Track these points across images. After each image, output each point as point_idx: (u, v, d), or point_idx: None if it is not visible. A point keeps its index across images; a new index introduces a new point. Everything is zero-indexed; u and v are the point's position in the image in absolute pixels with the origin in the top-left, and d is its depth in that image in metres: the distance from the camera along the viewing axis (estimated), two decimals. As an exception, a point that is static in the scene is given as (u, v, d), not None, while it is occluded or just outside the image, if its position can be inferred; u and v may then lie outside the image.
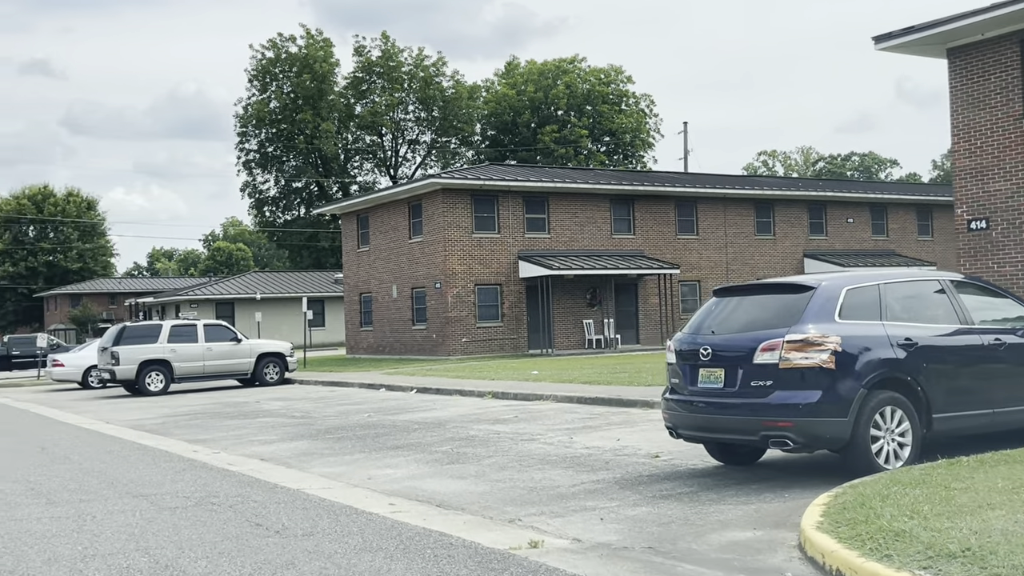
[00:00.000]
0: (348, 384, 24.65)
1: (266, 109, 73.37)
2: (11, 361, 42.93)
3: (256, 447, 12.88)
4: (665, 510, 7.54)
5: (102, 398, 25.28)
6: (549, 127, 75.51)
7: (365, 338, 37.55)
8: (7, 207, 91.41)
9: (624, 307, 34.96)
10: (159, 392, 24.85)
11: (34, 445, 12.84)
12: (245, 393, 24.29)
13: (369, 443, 12.68)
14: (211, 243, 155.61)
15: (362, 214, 37.47)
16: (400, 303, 34.81)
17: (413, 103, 78.27)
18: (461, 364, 29.06)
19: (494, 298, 32.79)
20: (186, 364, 25.42)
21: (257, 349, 26.61)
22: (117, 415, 19.31)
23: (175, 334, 25.56)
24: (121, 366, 24.66)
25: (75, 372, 29.45)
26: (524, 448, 11.39)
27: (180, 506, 7.92)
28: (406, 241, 34.21)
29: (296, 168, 75.85)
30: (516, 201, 33.15)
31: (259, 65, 73.70)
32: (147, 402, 22.66)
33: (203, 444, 13.43)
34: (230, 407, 20.08)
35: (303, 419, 16.60)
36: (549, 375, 22.09)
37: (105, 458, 11.36)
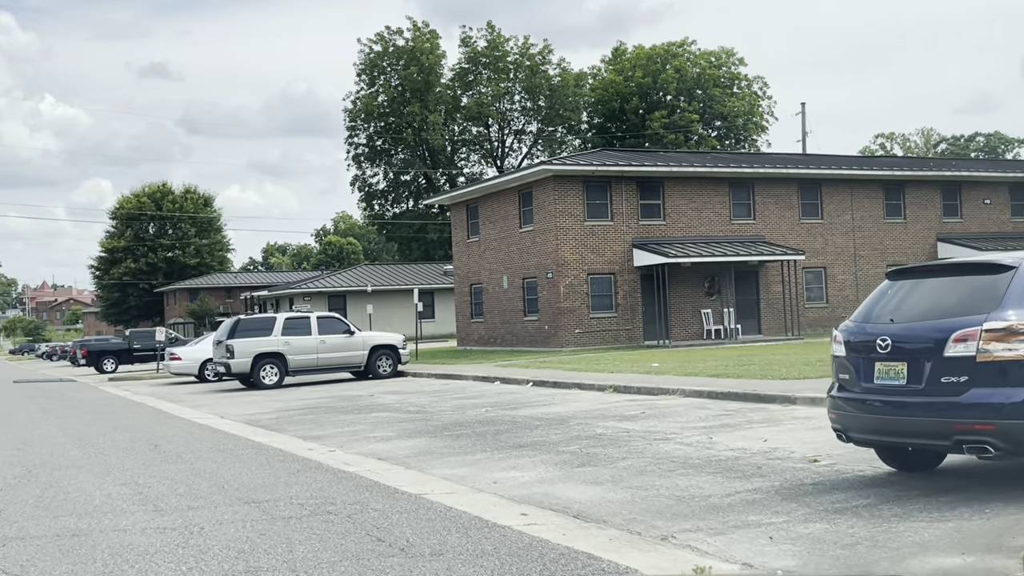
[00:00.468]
0: (462, 377, 24.00)
1: (374, 103, 73.76)
2: (132, 354, 43.90)
3: (372, 445, 12.23)
4: (844, 527, 6.46)
5: (217, 392, 25.26)
6: (658, 113, 73.83)
7: (476, 330, 36.98)
8: (128, 205, 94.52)
9: (744, 296, 33.44)
10: (273, 385, 24.67)
11: (147, 443, 12.45)
12: (358, 386, 23.89)
13: (490, 441, 11.88)
14: (322, 237, 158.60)
15: (471, 204, 36.86)
16: (511, 294, 34.07)
17: (519, 93, 77.60)
18: (575, 356, 28.14)
19: (608, 288, 31.73)
20: (300, 357, 25.18)
21: (370, 341, 26.22)
22: (231, 409, 19.05)
23: (289, 327, 25.35)
24: (236, 359, 24.55)
25: (192, 365, 29.65)
26: (660, 449, 10.40)
27: (294, 516, 7.21)
28: (516, 230, 33.43)
29: (404, 161, 76.07)
30: (630, 187, 31.98)
31: (367, 59, 74.14)
32: (261, 396, 22.45)
33: (317, 441, 12.85)
34: (344, 401, 19.63)
35: (418, 414, 15.94)
36: (671, 368, 20.97)
37: (217, 457, 10.83)
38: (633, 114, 76.74)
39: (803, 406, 13.51)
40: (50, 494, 8.29)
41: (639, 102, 76.35)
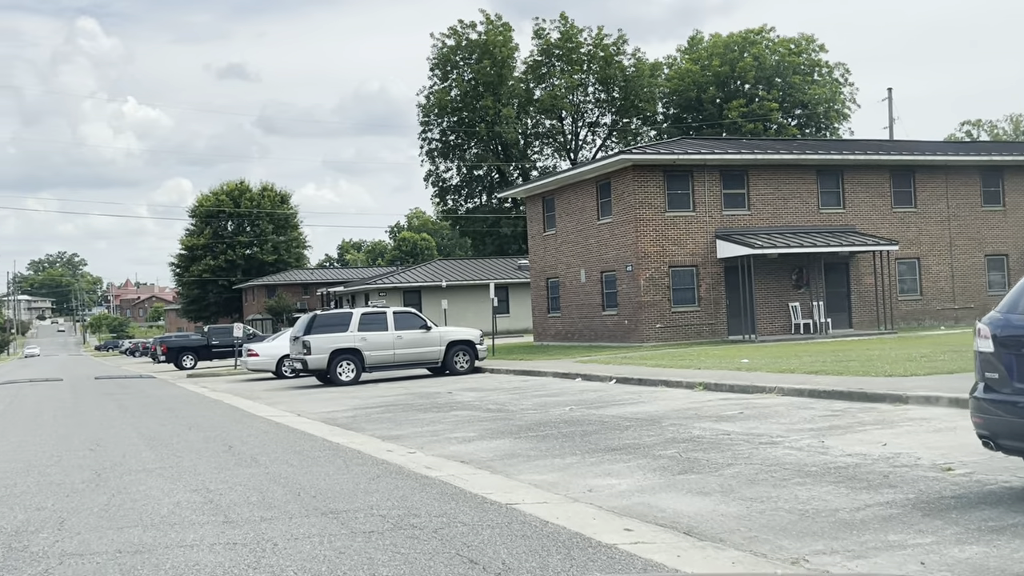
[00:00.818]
0: (541, 373, 23.27)
1: (447, 97, 73.47)
2: (211, 350, 44.16)
3: (454, 446, 11.57)
4: (1007, 551, 5.56)
5: (294, 388, 24.95)
6: (736, 102, 72.13)
7: (552, 324, 36.22)
8: (207, 203, 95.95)
9: (834, 288, 32.07)
10: (350, 382, 24.26)
11: (221, 443, 11.98)
12: (435, 383, 23.33)
13: (578, 443, 11.12)
14: (396, 234, 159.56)
15: (547, 196, 36.09)
16: (589, 288, 33.23)
17: (593, 84, 76.57)
18: (657, 352, 27.20)
19: (690, 281, 30.68)
20: (376, 353, 24.74)
21: (447, 337, 25.66)
22: (308, 407, 18.62)
23: (365, 322, 24.92)
24: (312, 355, 24.21)
25: (269, 362, 29.48)
26: (768, 454, 9.52)
27: (375, 530, 6.54)
28: (594, 222, 32.57)
29: (477, 155, 75.65)
30: (712, 176, 30.87)
31: (440, 54, 73.85)
32: (338, 392, 22.03)
33: (396, 442, 12.25)
34: (422, 398, 19.06)
35: (499, 412, 15.25)
36: (762, 364, 19.94)
37: (293, 460, 10.27)
38: (710, 104, 75.12)
39: (916, 406, 12.48)
40: (116, 502, 7.78)
41: (716, 91, 74.72)
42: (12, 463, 10.38)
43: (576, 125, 78.23)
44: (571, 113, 76.35)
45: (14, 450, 11.71)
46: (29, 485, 8.77)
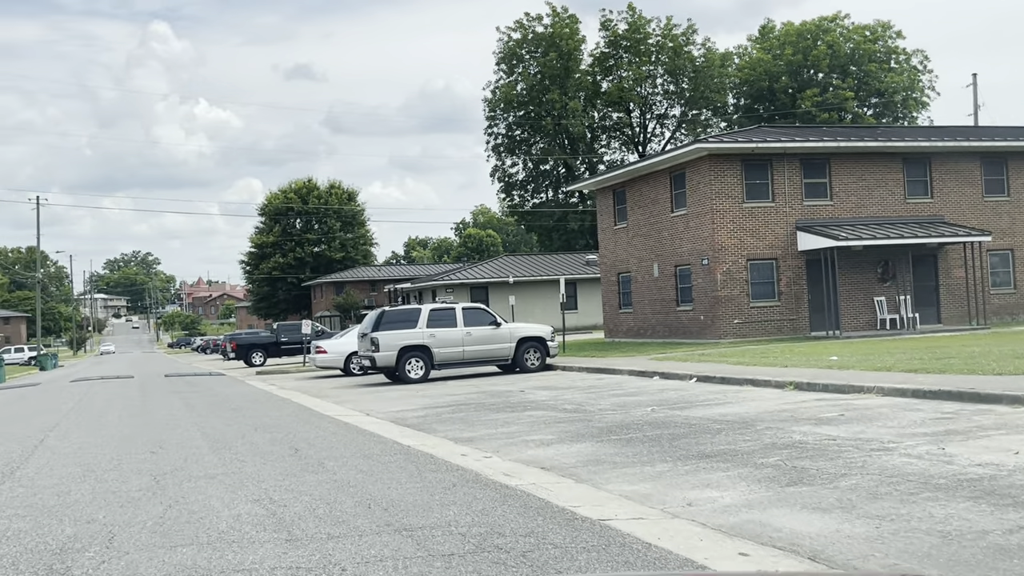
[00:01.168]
0: (616, 371, 22.38)
1: (513, 92, 72.79)
2: (280, 347, 44.12)
3: (532, 450, 10.80)
4: None
5: (362, 386, 24.45)
6: (809, 91, 70.20)
7: (624, 321, 35.25)
8: (276, 201, 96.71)
9: (922, 282, 30.56)
10: (418, 380, 23.67)
11: (287, 446, 11.37)
12: (506, 380, 22.60)
13: (667, 448, 10.27)
14: (462, 230, 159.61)
15: (618, 188, 35.12)
16: (662, 282, 32.19)
17: (661, 76, 75.21)
18: (736, 349, 26.11)
19: (769, 274, 29.47)
20: (445, 350, 24.10)
21: (517, 333, 24.92)
22: (377, 406, 18.03)
23: (434, 318, 24.30)
24: (381, 352, 23.66)
25: (337, 359, 29.07)
26: (884, 463, 8.55)
27: (456, 552, 5.79)
28: (668, 215, 31.52)
29: (543, 150, 74.85)
30: (792, 165, 29.61)
31: (506, 48, 73.20)
32: (407, 391, 21.43)
33: (470, 445, 11.52)
34: (493, 397, 18.33)
35: (577, 413, 14.44)
36: (854, 362, 18.79)
37: (362, 465, 9.59)
38: (783, 93, 73.22)
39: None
40: (172, 514, 7.16)
41: (789, 81, 72.82)
42: (70, 467, 9.88)
43: (644, 117, 76.96)
44: (639, 105, 75.12)
45: (75, 452, 11.25)
46: (83, 493, 8.22)
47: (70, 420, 16.29)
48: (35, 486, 8.71)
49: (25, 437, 13.35)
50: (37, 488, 8.59)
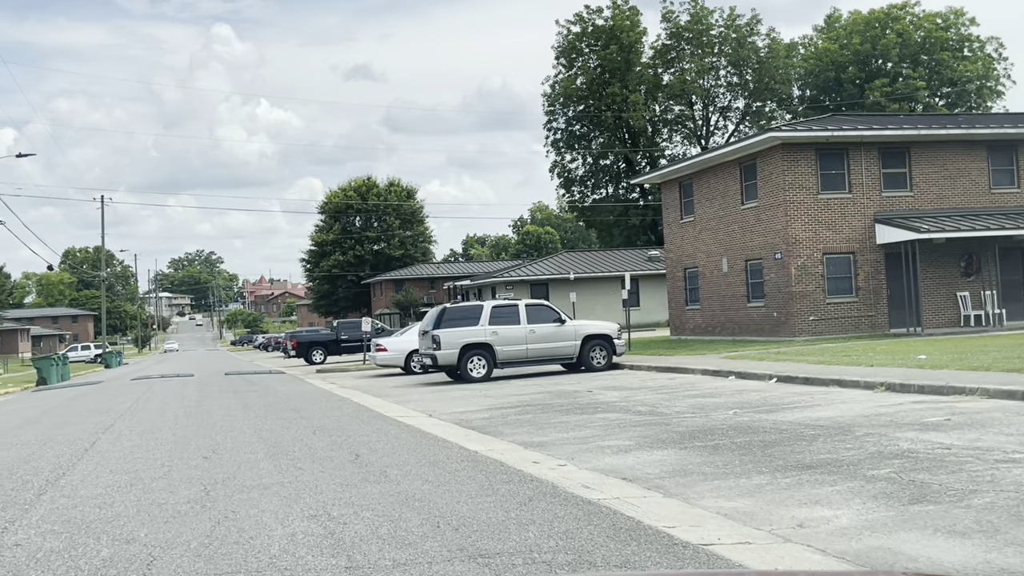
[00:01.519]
0: (688, 370, 21.38)
1: (573, 86, 71.76)
2: (340, 345, 43.76)
3: (609, 457, 9.95)
4: None
5: (423, 385, 23.78)
6: (878, 81, 68.10)
7: (691, 318, 34.13)
8: (335, 199, 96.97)
9: (1009, 276, 28.98)
10: (481, 379, 22.93)
11: (348, 451, 10.65)
12: (572, 380, 21.74)
13: (759, 456, 9.34)
14: (519, 228, 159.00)
15: (684, 181, 34.01)
16: (732, 278, 31.04)
17: (724, 67, 73.61)
18: (813, 347, 24.94)
19: (846, 269, 28.17)
20: (508, 348, 23.33)
21: (582, 331, 24.04)
22: (440, 406, 17.30)
23: (496, 315, 23.54)
24: (442, 351, 22.96)
25: (397, 357, 28.47)
26: (1018, 478, 7.53)
27: (544, 587, 4.96)
28: (738, 207, 30.35)
29: (603, 145, 73.77)
30: (870, 154, 28.26)
31: (566, 41, 72.22)
32: (469, 390, 20.68)
33: (542, 450, 10.71)
34: (560, 398, 17.49)
35: (652, 416, 13.54)
36: (945, 360, 17.58)
37: (428, 474, 8.82)
38: (850, 84, 71.17)
39: None
40: (220, 532, 6.44)
41: (856, 71, 70.75)
42: (118, 475, 9.26)
43: (707, 110, 75.44)
44: (701, 98, 73.62)
45: (125, 458, 10.66)
46: (127, 505, 7.57)
47: (125, 421, 15.82)
48: (77, 496, 8.09)
49: (77, 439, 12.85)
50: (79, 499, 7.97)
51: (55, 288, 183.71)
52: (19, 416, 18.88)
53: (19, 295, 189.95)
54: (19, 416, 18.88)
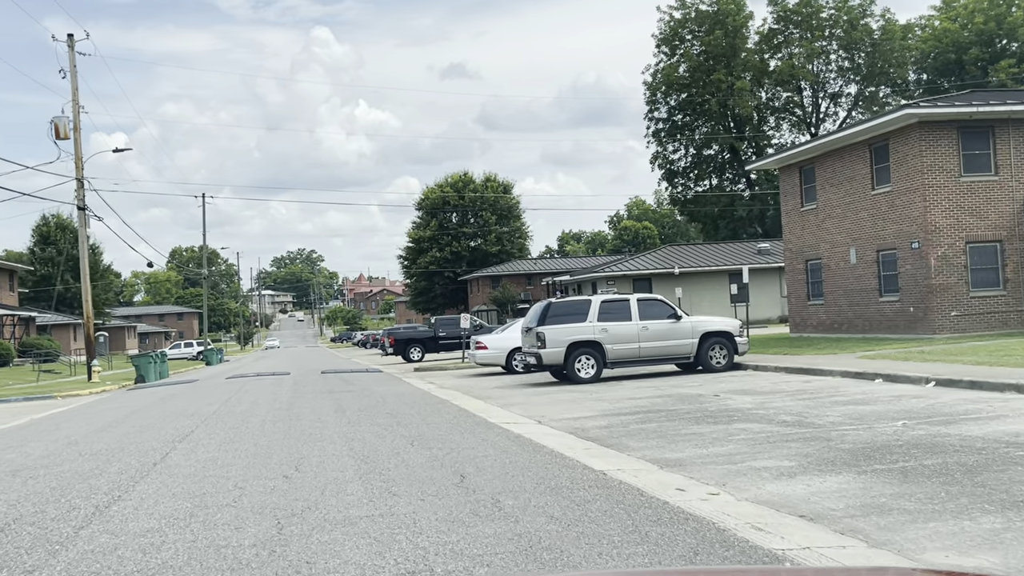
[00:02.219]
0: (822, 372, 19.16)
1: (675, 74, 69.28)
2: (438, 342, 42.49)
3: (771, 484, 8.06)
4: None
5: (527, 385, 22.08)
6: (1004, 62, 63.75)
7: (814, 313, 31.62)
8: (432, 195, 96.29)
9: None
10: (589, 380, 21.12)
11: (451, 470, 8.99)
12: (692, 382, 19.74)
13: (968, 487, 7.34)
14: (616, 223, 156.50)
15: (806, 166, 31.51)
16: (861, 270, 28.49)
17: (835, 51, 70.11)
18: (959, 345, 22.39)
19: (992, 259, 25.43)
20: (619, 346, 21.46)
21: (700, 328, 22.00)
22: (549, 411, 15.57)
23: (605, 311, 21.69)
24: (548, 349, 21.22)
25: (498, 355, 26.86)
26: None
27: None
28: (867, 192, 27.80)
29: (706, 135, 71.02)
30: (1019, 133, 25.44)
31: (667, 28, 69.79)
32: (579, 393, 18.89)
33: (681, 471, 8.87)
34: (684, 403, 15.57)
35: (803, 428, 11.54)
36: None
37: (552, 507, 7.07)
38: (972, 66, 66.86)
39: None
40: (287, 599, 4.79)
41: (980, 52, 66.42)
42: (180, 500, 7.76)
43: (816, 97, 72.02)
44: (811, 83, 70.25)
45: (194, 475, 9.20)
46: (179, 548, 6.01)
47: (207, 427, 14.52)
48: (123, 532, 6.59)
49: (150, 450, 11.50)
50: (124, 537, 6.45)
51: (162, 286, 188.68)
52: (102, 418, 17.86)
53: (128, 293, 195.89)
54: (102, 418, 17.86)
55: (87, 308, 34.76)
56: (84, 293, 34.87)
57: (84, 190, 34.57)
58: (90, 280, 35.50)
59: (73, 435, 14.40)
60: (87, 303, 34.76)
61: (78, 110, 34.54)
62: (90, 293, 35.05)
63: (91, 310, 34.91)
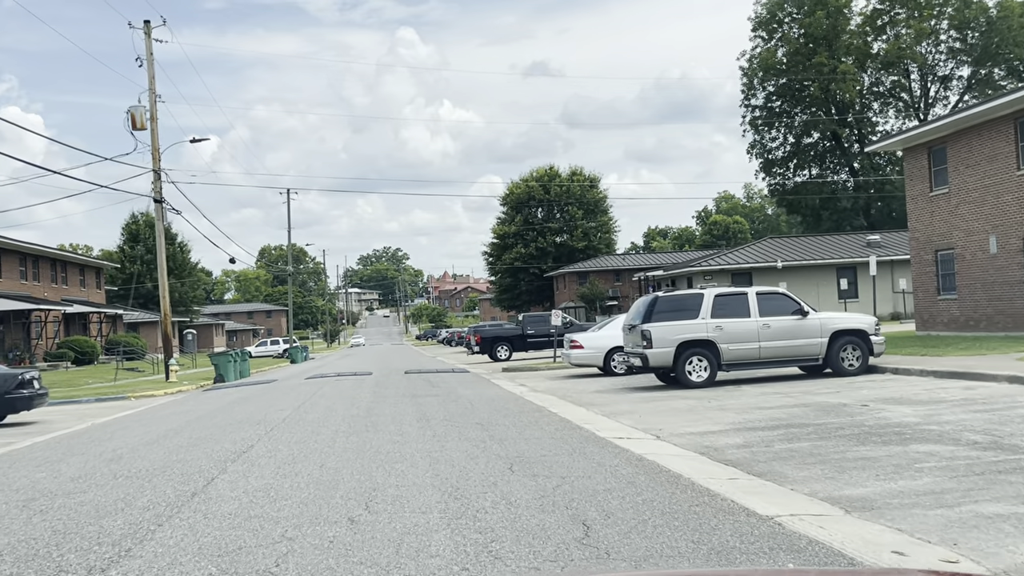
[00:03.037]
0: (983, 376, 16.38)
1: (773, 58, 65.89)
2: (526, 340, 40.34)
3: (1019, 540, 5.65)
4: None
5: (632, 390, 19.74)
6: None
7: (944, 309, 28.49)
8: (517, 190, 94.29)
9: None
10: (702, 383, 18.69)
11: (567, 512, 6.77)
12: (824, 387, 17.15)
13: None
14: (704, 219, 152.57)
15: (935, 146, 28.40)
16: (1002, 260, 25.36)
17: (945, 31, 65.81)
18: None
19: None
20: (736, 346, 18.98)
21: (830, 325, 19.36)
22: (666, 423, 13.25)
23: (720, 306, 19.23)
24: (654, 349, 18.85)
25: (595, 355, 24.56)
26: None
27: None
28: (1012, 173, 24.67)
29: (805, 123, 67.40)
30: None
31: (764, 11, 66.40)
32: (694, 400, 16.49)
33: (881, 520, 6.52)
34: (827, 414, 13.08)
35: (1004, 451, 9.05)
36: None
37: None
38: (1098, 43, 62.00)
39: None
40: None
41: (1108, 27, 61.51)
42: (203, 561, 5.68)
43: (925, 80, 67.77)
44: (919, 66, 66.06)
45: (236, 515, 7.14)
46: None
47: (270, 440, 12.58)
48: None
49: (195, 472, 9.55)
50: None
51: (251, 284, 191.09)
52: (161, 426, 16.13)
53: (219, 292, 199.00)
54: (161, 426, 16.13)
55: (164, 304, 33.54)
56: (161, 289, 33.67)
57: (161, 182, 33.36)
58: (178, 277, 34.41)
59: (120, 448, 12.62)
60: (164, 299, 33.53)
61: (155, 99, 33.33)
62: (167, 289, 33.84)
63: (168, 307, 33.69)
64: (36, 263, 52.51)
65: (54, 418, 21.11)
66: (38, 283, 52.28)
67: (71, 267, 58.86)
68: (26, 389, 19.64)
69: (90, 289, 62.08)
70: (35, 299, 48.77)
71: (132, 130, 32.66)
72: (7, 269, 48.18)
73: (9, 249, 48.26)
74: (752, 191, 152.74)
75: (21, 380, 19.61)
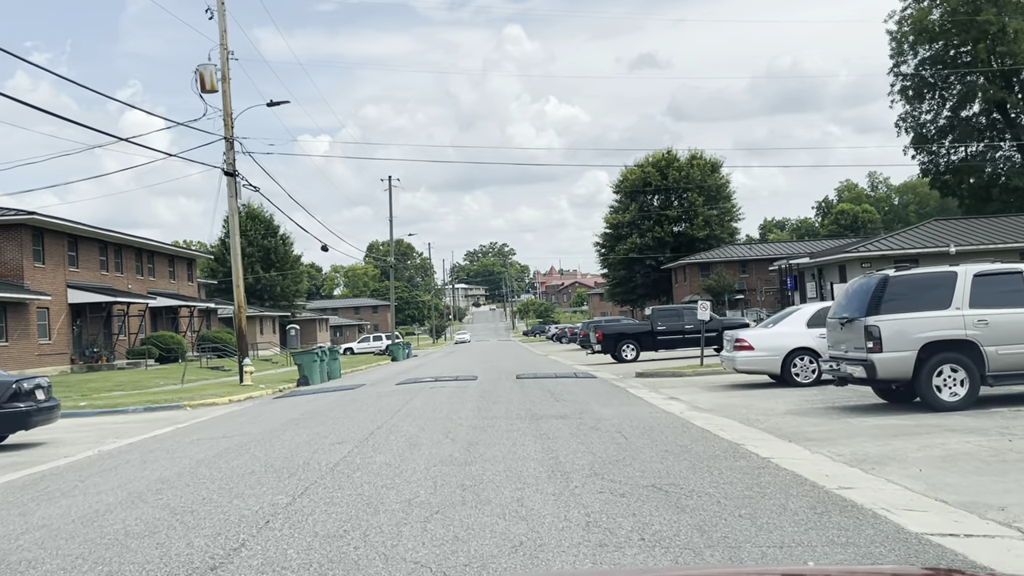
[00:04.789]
0: None
1: (928, 19, 58.09)
2: (655, 338, 34.47)
3: None
4: None
5: (846, 411, 13.75)
6: None
7: None
8: (632, 176, 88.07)
9: None
10: (957, 405, 12.66)
11: None
12: None
13: None
14: (826, 209, 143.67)
15: None
16: None
17: None
18: None
19: None
20: (1010, 350, 12.82)
21: None
22: (937, 474, 7.36)
23: (982, 291, 13.12)
24: (886, 354, 12.85)
25: (771, 359, 18.52)
26: None
27: None
28: None
29: (965, 91, 59.29)
30: None
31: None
32: (967, 433, 10.48)
33: None
34: None
35: None
36: None
37: None
38: None
39: None
40: None
41: None
42: None
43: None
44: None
45: None
46: None
47: (310, 497, 7.35)
48: None
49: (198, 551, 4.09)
50: None
51: (359, 280, 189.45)
52: (188, 458, 11.05)
53: (328, 287, 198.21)
54: (188, 458, 11.05)
55: (238, 295, 28.88)
56: (234, 276, 29.03)
57: (234, 152, 28.68)
58: (280, 270, 29.76)
59: (108, 500, 7.90)
60: (237, 287, 28.87)
61: (227, 56, 28.69)
62: (240, 275, 29.13)
63: (242, 298, 29.00)
64: (119, 252, 48.99)
65: (68, 437, 16.38)
66: (120, 274, 48.76)
67: (159, 257, 55.39)
68: (22, 402, 14.85)
69: (181, 281, 58.65)
70: (116, 291, 45.17)
71: (201, 92, 28.09)
72: (84, 259, 44.64)
73: (86, 237, 44.71)
74: (876, 179, 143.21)
75: (16, 391, 14.83)
